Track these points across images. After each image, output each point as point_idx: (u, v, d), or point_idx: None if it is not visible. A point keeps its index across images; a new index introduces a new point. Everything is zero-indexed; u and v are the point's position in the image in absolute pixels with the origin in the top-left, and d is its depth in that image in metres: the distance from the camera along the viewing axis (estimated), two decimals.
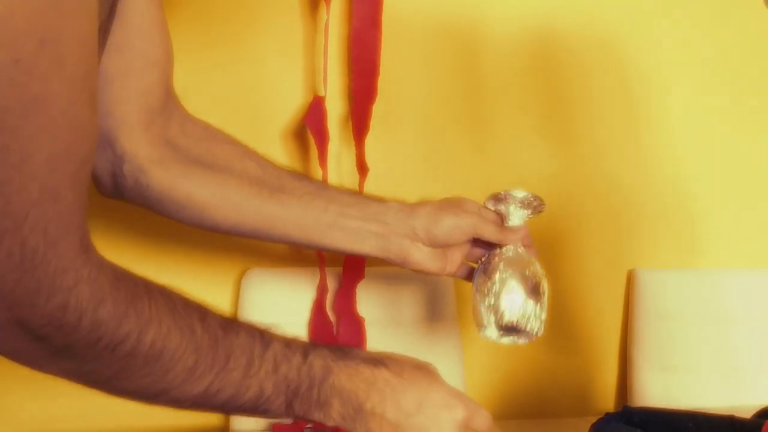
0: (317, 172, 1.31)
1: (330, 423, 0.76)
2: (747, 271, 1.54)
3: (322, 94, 1.32)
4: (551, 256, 1.46)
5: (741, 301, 1.51)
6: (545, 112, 1.47)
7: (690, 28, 1.52)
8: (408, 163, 1.42)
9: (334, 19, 1.34)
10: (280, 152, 1.35)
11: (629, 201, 1.50)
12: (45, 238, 0.59)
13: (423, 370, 0.77)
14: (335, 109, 1.35)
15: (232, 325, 0.73)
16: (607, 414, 0.96)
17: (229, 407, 0.73)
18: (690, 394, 1.42)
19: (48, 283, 0.60)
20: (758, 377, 1.44)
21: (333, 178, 1.33)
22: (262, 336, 0.74)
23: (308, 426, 1.20)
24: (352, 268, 1.32)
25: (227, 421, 1.33)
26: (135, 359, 0.66)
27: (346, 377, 0.75)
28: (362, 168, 1.33)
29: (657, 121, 1.52)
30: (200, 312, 0.71)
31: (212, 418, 1.33)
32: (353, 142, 1.34)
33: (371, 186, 1.33)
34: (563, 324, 1.47)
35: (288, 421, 1.16)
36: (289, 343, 0.74)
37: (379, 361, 0.76)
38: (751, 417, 0.90)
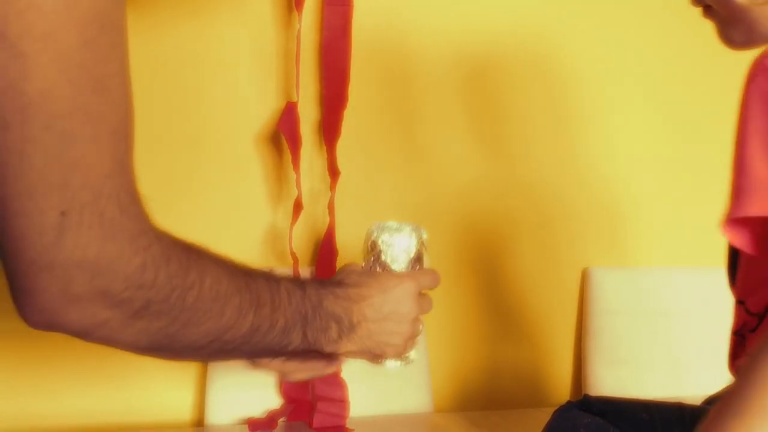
0: (291, 176, 1.36)
1: (331, 347, 0.89)
2: (688, 269, 1.62)
3: (294, 99, 1.36)
4: (510, 257, 1.53)
5: (682, 298, 1.59)
6: (491, 121, 1.53)
7: (618, 32, 1.58)
8: (378, 167, 1.46)
9: (307, 28, 1.38)
10: (254, 157, 1.38)
11: (583, 204, 1.57)
12: (119, 206, 0.64)
13: (371, 275, 0.93)
14: (308, 114, 1.39)
15: (250, 269, 0.82)
16: (568, 402, 1.02)
17: (263, 346, 0.83)
18: (639, 385, 1.49)
19: (127, 248, 0.65)
20: (699, 368, 1.51)
21: (306, 182, 1.37)
22: (271, 276, 0.84)
23: (282, 419, 1.24)
24: (324, 266, 1.37)
25: (201, 414, 1.36)
26: (200, 305, 0.73)
27: (332, 301, 0.88)
28: (334, 172, 1.37)
29: (592, 126, 1.59)
30: (228, 259, 0.78)
31: (186, 413, 1.36)
32: (325, 147, 1.39)
33: (342, 189, 1.38)
34: (521, 321, 1.53)
35: (262, 416, 1.20)
36: (289, 279, 0.86)
37: (343, 282, 0.91)
38: (701, 404, 0.97)
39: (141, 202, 0.67)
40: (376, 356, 0.95)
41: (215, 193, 1.37)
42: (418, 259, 0.94)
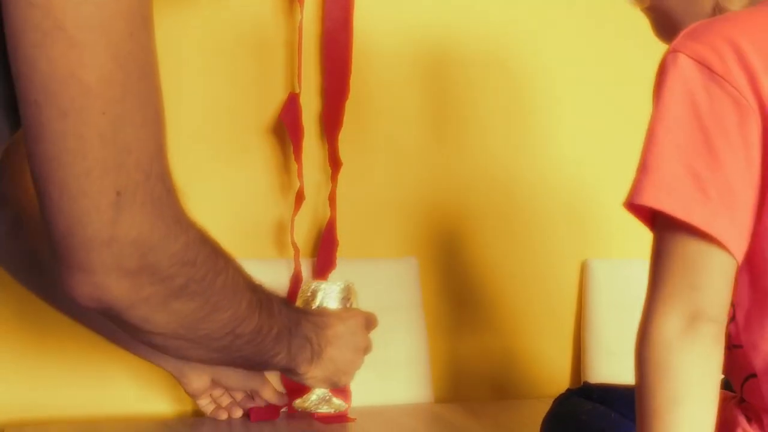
0: (293, 167, 1.37)
1: (304, 367, 1.01)
2: None
3: (297, 91, 1.37)
4: (511, 249, 1.54)
5: None
6: (504, 117, 1.55)
7: (580, 32, 1.58)
8: (379, 159, 1.47)
9: (309, 20, 1.39)
10: (256, 148, 1.39)
11: (589, 196, 1.59)
12: (165, 187, 0.70)
13: (338, 315, 1.09)
14: (311, 106, 1.40)
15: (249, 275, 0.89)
16: (568, 390, 1.04)
17: (260, 349, 0.91)
18: None
19: (174, 226, 0.71)
20: None
21: (307, 174, 1.38)
22: (265, 287, 0.92)
23: (283, 409, 1.25)
24: (325, 258, 1.38)
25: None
26: (226, 291, 0.81)
27: (305, 323, 1.00)
28: (335, 163, 1.38)
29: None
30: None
31: (188, 403, 1.37)
32: (325, 139, 1.40)
33: (344, 180, 1.40)
34: (521, 313, 1.55)
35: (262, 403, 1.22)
36: (275, 293, 0.95)
37: (306, 310, 1.07)
38: None
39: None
40: (333, 384, 1.07)
41: (217, 183, 1.38)
42: (348, 300, 1.19)
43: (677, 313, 0.72)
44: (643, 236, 1.72)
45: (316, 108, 1.41)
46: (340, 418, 1.22)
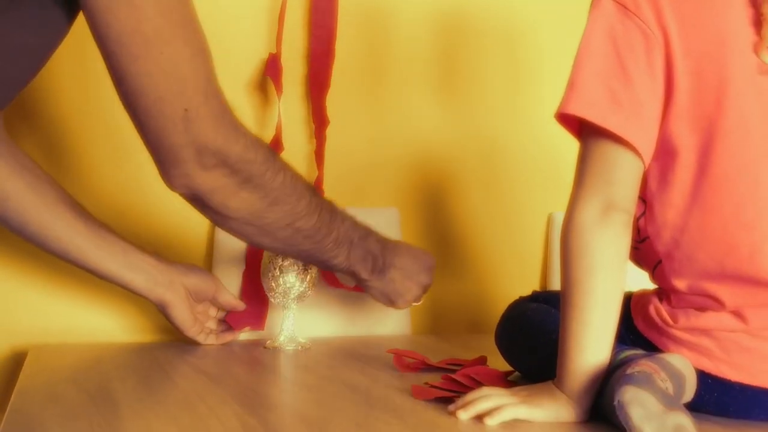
0: (271, 124, 1.50)
1: (365, 275, 1.20)
2: None
3: (275, 52, 1.49)
4: (483, 202, 1.68)
5: None
6: (471, 78, 1.69)
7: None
8: (361, 118, 1.60)
9: None
10: (237, 105, 1.50)
11: (555, 156, 1.73)
12: (219, 102, 0.93)
13: (410, 249, 1.28)
14: (292, 68, 1.52)
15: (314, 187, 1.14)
16: (520, 297, 1.18)
17: (319, 248, 1.12)
18: None
19: (233, 132, 0.95)
20: None
21: (289, 133, 1.50)
22: (331, 201, 1.13)
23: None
24: None
25: None
26: (284, 188, 1.03)
27: (374, 241, 1.19)
28: (321, 121, 1.52)
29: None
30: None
31: None
32: (308, 99, 1.53)
33: (328, 138, 1.53)
34: (492, 259, 1.68)
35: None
36: (343, 209, 1.15)
37: (382, 235, 1.22)
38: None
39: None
40: (390, 301, 1.23)
41: None
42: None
43: (595, 203, 0.87)
44: None
45: (296, 71, 1.53)
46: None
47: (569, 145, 1.71)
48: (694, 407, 0.86)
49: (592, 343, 0.84)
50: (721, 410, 0.89)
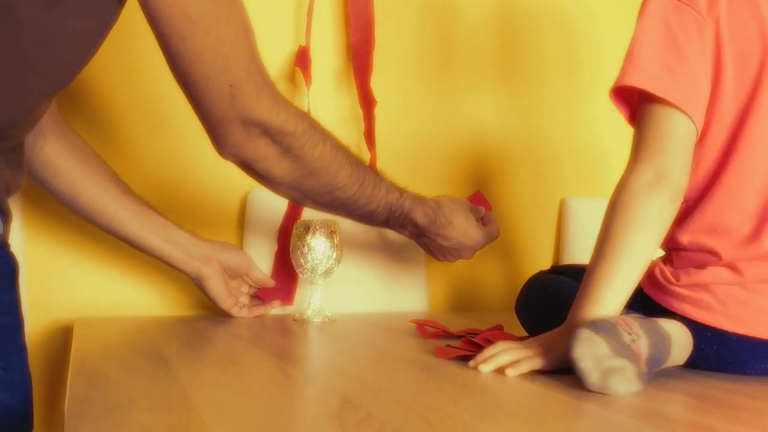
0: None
1: (414, 225, 1.27)
2: None
3: (305, 44, 1.57)
4: (500, 186, 1.76)
5: None
6: (505, 71, 1.77)
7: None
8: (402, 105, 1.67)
9: None
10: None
11: (566, 142, 1.81)
12: (262, 78, 1.01)
13: (460, 222, 1.33)
14: (320, 59, 1.61)
15: (362, 161, 1.19)
16: (539, 271, 1.27)
17: (358, 213, 1.21)
18: None
19: (274, 106, 1.02)
20: None
21: (332, 118, 1.59)
22: (377, 173, 1.22)
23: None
24: None
25: None
26: (322, 161, 1.11)
27: (420, 212, 1.26)
28: (369, 103, 1.60)
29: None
30: (346, 147, 1.15)
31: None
32: (354, 84, 1.62)
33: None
34: (507, 242, 1.75)
35: None
36: (390, 181, 1.23)
37: (440, 206, 1.29)
38: None
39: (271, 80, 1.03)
40: (458, 254, 1.35)
41: None
42: (333, 233, 1.40)
43: (648, 171, 0.96)
44: (608, 180, 1.95)
45: (325, 61, 1.62)
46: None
47: (613, 126, 1.78)
48: (697, 362, 0.96)
49: (611, 294, 0.92)
50: (720, 363, 0.98)
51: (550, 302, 1.12)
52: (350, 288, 1.58)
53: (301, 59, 1.57)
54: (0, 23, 0.82)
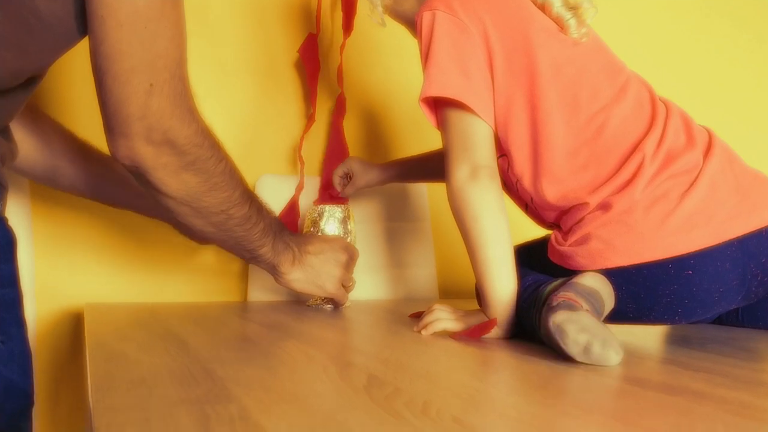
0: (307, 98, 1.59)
1: (286, 268, 1.24)
2: None
3: (315, 32, 1.59)
4: None
5: None
6: None
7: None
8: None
9: None
10: (283, 80, 1.61)
11: None
12: (183, 85, 0.96)
13: (318, 236, 1.30)
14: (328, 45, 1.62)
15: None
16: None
17: (248, 237, 1.15)
18: None
19: (188, 115, 0.97)
20: None
21: (324, 105, 1.59)
22: (256, 193, 1.16)
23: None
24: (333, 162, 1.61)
25: (245, 295, 1.59)
26: (224, 176, 1.06)
27: (288, 235, 1.23)
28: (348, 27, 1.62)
29: None
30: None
31: (236, 294, 1.59)
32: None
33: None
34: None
35: None
36: (265, 202, 1.19)
37: (297, 234, 1.26)
38: None
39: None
40: (319, 287, 1.29)
41: (246, 108, 1.59)
42: (347, 219, 1.40)
43: (463, 168, 1.08)
44: None
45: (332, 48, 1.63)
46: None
47: None
48: (617, 316, 1.02)
49: (496, 273, 1.05)
50: (637, 307, 1.04)
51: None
52: (360, 276, 1.57)
53: (308, 46, 1.58)
54: None
